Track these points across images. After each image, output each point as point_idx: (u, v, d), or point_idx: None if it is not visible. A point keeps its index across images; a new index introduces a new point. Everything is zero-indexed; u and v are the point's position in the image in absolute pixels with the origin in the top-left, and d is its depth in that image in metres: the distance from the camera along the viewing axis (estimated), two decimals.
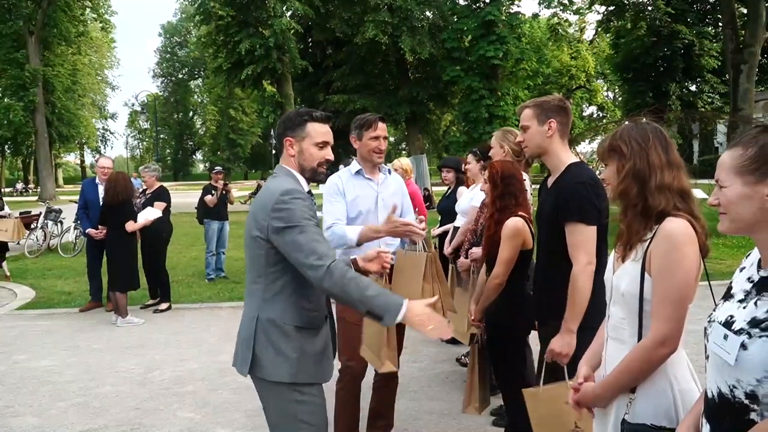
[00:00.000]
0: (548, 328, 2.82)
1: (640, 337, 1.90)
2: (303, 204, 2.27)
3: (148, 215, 7.57)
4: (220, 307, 8.01)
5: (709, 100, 32.08)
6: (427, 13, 28.01)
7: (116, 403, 4.73)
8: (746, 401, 1.37)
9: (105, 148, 64.50)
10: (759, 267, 1.46)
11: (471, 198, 5.19)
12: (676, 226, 1.83)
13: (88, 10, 38.06)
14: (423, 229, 3.26)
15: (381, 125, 3.58)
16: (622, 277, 1.93)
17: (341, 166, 4.01)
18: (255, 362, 2.35)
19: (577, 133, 41.85)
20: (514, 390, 3.53)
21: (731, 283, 1.55)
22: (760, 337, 1.34)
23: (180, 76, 74.60)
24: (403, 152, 41.71)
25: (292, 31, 25.39)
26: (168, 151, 75.66)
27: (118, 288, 7.09)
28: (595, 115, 55.72)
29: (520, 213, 3.46)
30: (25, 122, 33.55)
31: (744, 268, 1.53)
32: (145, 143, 77.07)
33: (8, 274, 10.03)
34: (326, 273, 2.14)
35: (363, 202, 3.51)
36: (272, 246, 2.28)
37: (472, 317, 3.61)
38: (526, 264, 3.47)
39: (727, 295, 1.52)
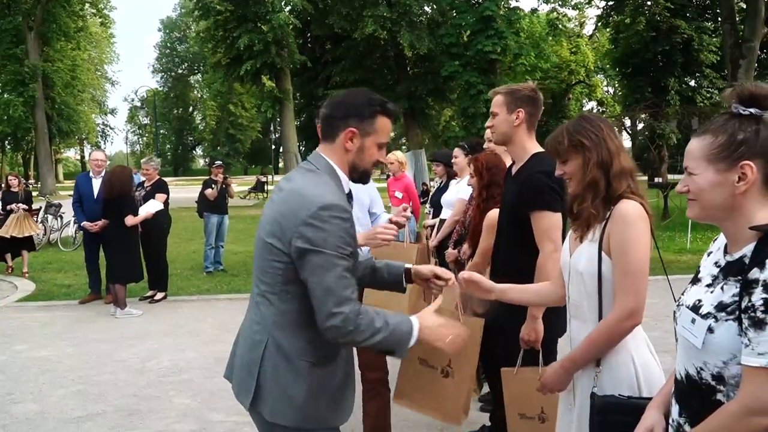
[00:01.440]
0: (511, 317, 2.79)
1: (600, 314, 2.00)
2: (343, 227, 1.85)
3: (150, 208, 7.66)
4: (218, 299, 8.13)
5: (708, 95, 32.05)
6: (426, 8, 28.10)
7: (114, 390, 4.84)
8: (713, 383, 1.42)
9: (105, 143, 64.72)
10: (725, 252, 1.50)
11: (457, 191, 5.31)
12: (629, 206, 1.96)
13: (87, 5, 38.08)
14: (407, 219, 3.19)
15: None
16: (580, 257, 2.05)
17: None
18: (257, 395, 1.95)
19: None
20: (498, 378, 3.65)
21: (699, 267, 1.59)
22: (726, 320, 1.38)
23: (179, 71, 74.50)
24: (403, 147, 41.80)
25: (291, 26, 25.46)
26: (168, 146, 75.64)
27: (117, 280, 7.19)
28: (595, 111, 55.73)
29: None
30: (24, 118, 33.61)
31: (711, 252, 1.58)
32: (144, 139, 77.10)
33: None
34: (341, 323, 1.81)
35: None
36: (293, 261, 1.87)
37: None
38: None
39: (695, 280, 1.57)
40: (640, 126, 20.50)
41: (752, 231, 1.40)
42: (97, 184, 7.72)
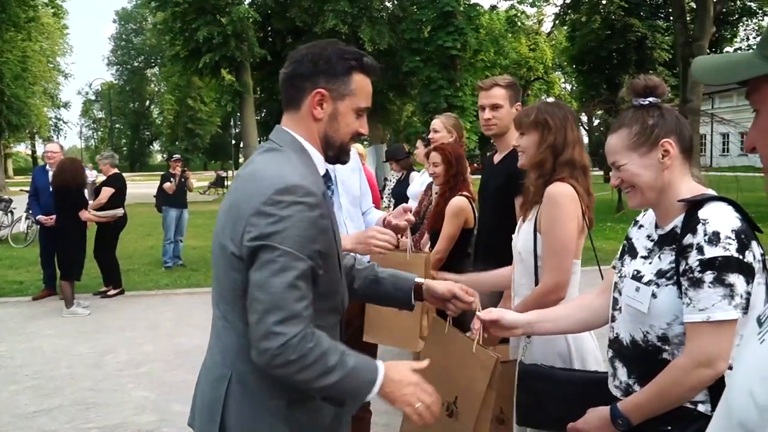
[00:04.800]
0: (486, 300, 2.97)
1: None
2: (307, 216, 1.41)
3: (116, 212, 7.57)
4: (177, 293, 8.04)
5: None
6: (387, 3, 28.15)
7: (70, 384, 4.77)
8: (659, 343, 1.55)
9: (58, 137, 62.56)
10: (656, 227, 1.65)
11: (422, 182, 5.38)
12: (558, 188, 2.09)
13: None
14: (410, 223, 2.72)
15: None
16: (520, 236, 2.18)
17: None
18: None
19: None
20: None
21: (631, 240, 1.72)
22: (666, 285, 1.53)
23: (136, 64, 72.86)
24: (365, 142, 41.86)
25: (251, 20, 25.18)
26: (124, 141, 74.01)
27: (70, 277, 6.99)
28: None
29: (464, 192, 3.66)
30: None
31: (642, 226, 1.72)
32: (99, 133, 75.25)
33: None
34: (280, 349, 1.35)
35: None
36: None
37: None
38: (467, 241, 3.65)
39: (632, 253, 1.69)
40: (596, 122, 20.98)
41: (679, 205, 1.56)
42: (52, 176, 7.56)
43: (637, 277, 1.61)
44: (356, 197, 2.94)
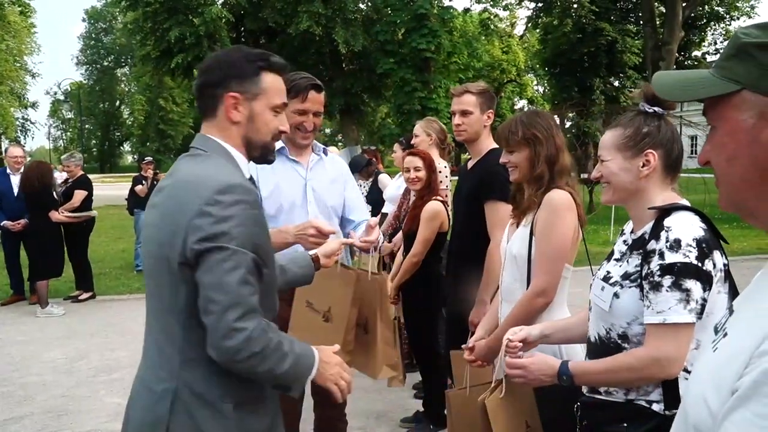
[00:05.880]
0: (459, 303, 3.02)
1: None
2: (249, 213, 1.47)
3: (86, 214, 7.51)
4: None
5: (631, 94, 33.50)
6: (361, 5, 28.22)
7: (42, 391, 4.70)
8: (619, 341, 1.65)
9: (25, 138, 61.47)
10: (632, 232, 1.73)
11: (398, 186, 5.42)
12: (558, 195, 2.14)
13: None
14: (371, 244, 2.39)
15: (314, 96, 2.67)
16: (515, 241, 2.20)
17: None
18: None
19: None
20: (429, 365, 3.79)
21: (613, 247, 1.80)
22: (630, 287, 1.61)
23: (105, 63, 71.75)
24: (339, 144, 41.79)
25: (224, 20, 25.03)
26: (94, 142, 72.83)
27: (37, 276, 6.93)
28: (525, 109, 57.08)
29: (437, 197, 3.71)
30: None
31: (624, 233, 1.79)
32: (69, 134, 73.94)
33: None
34: (243, 344, 1.40)
35: (286, 193, 2.59)
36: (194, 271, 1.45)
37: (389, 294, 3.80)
38: (441, 245, 3.70)
39: (609, 257, 1.78)
40: (568, 124, 21.30)
41: (651, 212, 1.63)
42: (15, 181, 7.40)
43: (606, 278, 1.69)
44: (331, 207, 2.72)
